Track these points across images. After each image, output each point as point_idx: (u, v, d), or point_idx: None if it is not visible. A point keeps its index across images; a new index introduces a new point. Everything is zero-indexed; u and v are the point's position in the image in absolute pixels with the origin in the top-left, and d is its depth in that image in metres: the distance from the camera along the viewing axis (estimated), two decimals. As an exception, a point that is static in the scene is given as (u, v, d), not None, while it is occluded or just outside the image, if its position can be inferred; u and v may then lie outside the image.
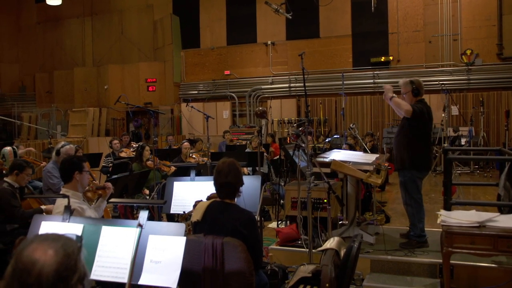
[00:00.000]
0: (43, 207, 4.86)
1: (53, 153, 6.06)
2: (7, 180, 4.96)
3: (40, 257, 1.40)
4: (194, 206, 4.01)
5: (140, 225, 2.82)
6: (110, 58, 17.99)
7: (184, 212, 4.13)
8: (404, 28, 14.11)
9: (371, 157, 5.64)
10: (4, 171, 6.87)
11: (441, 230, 4.13)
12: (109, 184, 4.18)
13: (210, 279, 3.09)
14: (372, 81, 14.20)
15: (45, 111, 17.42)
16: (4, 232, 4.77)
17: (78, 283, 1.46)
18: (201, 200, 3.95)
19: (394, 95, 5.02)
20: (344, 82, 10.20)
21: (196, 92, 16.41)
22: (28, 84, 19.67)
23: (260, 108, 6.53)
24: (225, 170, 3.38)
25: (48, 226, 3.04)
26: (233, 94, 15.82)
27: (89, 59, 18.77)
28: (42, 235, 1.51)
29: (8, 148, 7.91)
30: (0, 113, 16.33)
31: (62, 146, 5.83)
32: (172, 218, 6.52)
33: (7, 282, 1.42)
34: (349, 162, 5.13)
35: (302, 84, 14.66)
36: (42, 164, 8.42)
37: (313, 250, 4.73)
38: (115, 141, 9.40)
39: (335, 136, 9.68)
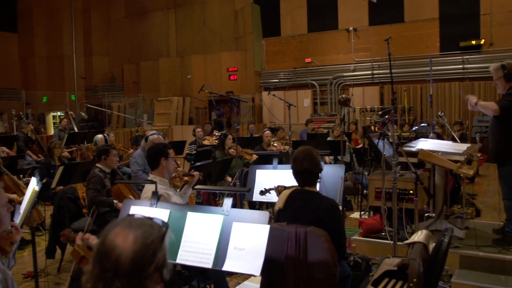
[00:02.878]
0: (114, 201, 5.02)
1: (143, 140, 6.32)
2: (98, 165, 5.22)
3: (119, 243, 1.43)
4: (275, 189, 4.01)
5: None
6: (193, 49, 18.45)
7: (265, 188, 4.13)
8: (498, 8, 13.14)
9: (462, 147, 5.32)
10: (96, 158, 7.27)
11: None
12: (196, 172, 4.27)
13: (293, 268, 3.07)
14: (461, 66, 13.43)
15: (133, 100, 18.23)
16: (97, 215, 5.03)
17: (155, 272, 1.47)
18: (284, 186, 3.93)
19: (478, 100, 4.72)
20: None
21: (277, 80, 16.42)
22: (117, 75, 20.68)
23: (344, 96, 6.37)
24: (300, 157, 3.34)
25: (137, 211, 3.15)
26: (314, 82, 15.65)
27: (173, 50, 19.36)
28: (128, 219, 1.53)
29: (100, 135, 8.37)
30: (92, 103, 17.32)
31: (151, 134, 6.06)
32: (254, 205, 6.58)
33: (92, 263, 1.47)
34: (438, 151, 4.87)
35: (385, 71, 14.20)
36: (130, 151, 8.83)
37: (398, 243, 4.57)
38: (199, 129, 9.62)
39: (422, 124, 9.26)
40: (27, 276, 5.00)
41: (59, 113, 18.62)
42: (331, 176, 4.26)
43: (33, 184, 3.90)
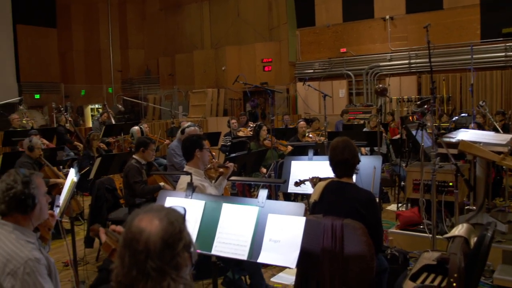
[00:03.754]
0: (161, 184, 5.11)
1: (179, 132, 6.36)
2: (135, 157, 5.29)
3: (146, 226, 1.48)
4: (310, 181, 3.96)
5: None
6: (227, 40, 18.44)
7: (299, 180, 4.09)
8: (544, -8, 12.57)
9: (505, 137, 5.13)
10: (132, 149, 7.38)
11: None
12: (231, 163, 4.26)
13: (329, 261, 3.03)
14: (503, 54, 12.91)
15: (168, 92, 18.39)
16: (133, 205, 5.11)
17: (184, 251, 1.51)
18: (319, 177, 3.88)
19: None
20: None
21: (312, 71, 16.23)
22: (152, 67, 20.90)
23: (381, 86, 6.25)
24: (340, 146, 3.28)
25: (172, 202, 3.16)
26: (349, 72, 15.40)
27: (207, 42, 19.41)
28: (147, 207, 1.58)
29: (136, 127, 8.48)
30: (128, 95, 17.59)
31: (187, 126, 6.08)
32: (289, 197, 6.55)
33: (120, 251, 1.51)
34: (480, 142, 4.71)
35: (423, 60, 13.84)
36: (166, 142, 8.93)
37: (436, 236, 4.46)
38: (233, 121, 9.64)
39: (462, 114, 8.99)
40: (67, 264, 5.12)
41: (97, 106, 18.99)
42: (367, 167, 4.18)
43: (72, 175, 3.99)
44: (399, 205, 6.29)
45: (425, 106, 4.72)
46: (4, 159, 6.59)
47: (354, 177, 3.46)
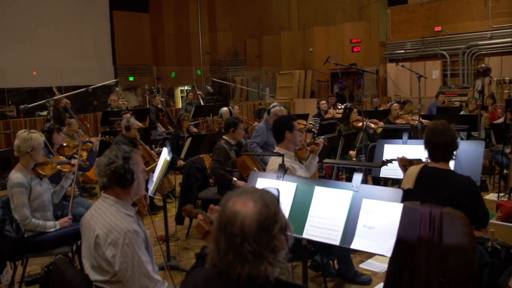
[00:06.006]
0: (234, 179, 5.10)
1: (265, 113, 6.37)
2: (225, 137, 5.36)
3: (240, 208, 1.45)
4: (398, 161, 3.75)
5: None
6: (315, 21, 18.14)
7: (386, 159, 3.91)
8: None
9: None
10: (222, 129, 7.50)
11: None
12: (321, 139, 4.17)
13: (426, 251, 2.87)
14: None
15: (255, 74, 18.50)
16: (223, 185, 5.18)
17: (281, 233, 1.47)
18: (408, 159, 3.65)
19: None
20: None
21: (403, 51, 15.54)
22: (240, 49, 21.09)
23: (483, 65, 5.82)
24: (440, 129, 3.12)
25: (263, 183, 3.13)
26: (444, 52, 14.56)
27: (294, 23, 19.23)
28: (239, 189, 1.55)
29: (225, 108, 8.61)
30: (217, 77, 17.90)
31: (273, 107, 6.07)
32: (378, 181, 6.34)
33: (215, 235, 1.49)
34: None
35: (529, 38, 12.75)
36: (254, 124, 8.99)
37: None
38: (323, 102, 9.51)
39: None
40: (159, 240, 5.32)
41: (186, 87, 19.58)
42: (467, 153, 3.91)
43: (165, 154, 4.09)
44: (501, 195, 5.87)
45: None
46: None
47: (452, 163, 3.26)
